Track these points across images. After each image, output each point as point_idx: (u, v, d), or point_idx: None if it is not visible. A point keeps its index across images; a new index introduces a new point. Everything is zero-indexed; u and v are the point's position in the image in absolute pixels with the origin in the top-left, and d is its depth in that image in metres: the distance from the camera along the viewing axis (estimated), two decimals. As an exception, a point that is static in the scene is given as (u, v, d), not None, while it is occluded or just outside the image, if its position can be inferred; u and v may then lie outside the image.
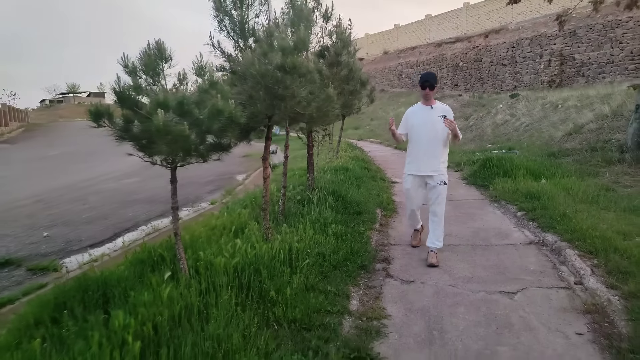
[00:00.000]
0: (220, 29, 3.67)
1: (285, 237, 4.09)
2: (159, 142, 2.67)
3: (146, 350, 2.27)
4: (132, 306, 2.55)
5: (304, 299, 3.19)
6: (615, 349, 2.74)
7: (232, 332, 2.57)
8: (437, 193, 4.49)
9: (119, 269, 3.24)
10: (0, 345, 2.39)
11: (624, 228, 4.65)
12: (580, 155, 8.76)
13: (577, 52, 20.35)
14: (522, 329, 3.10)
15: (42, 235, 6.23)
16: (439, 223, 4.52)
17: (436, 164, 4.46)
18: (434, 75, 4.55)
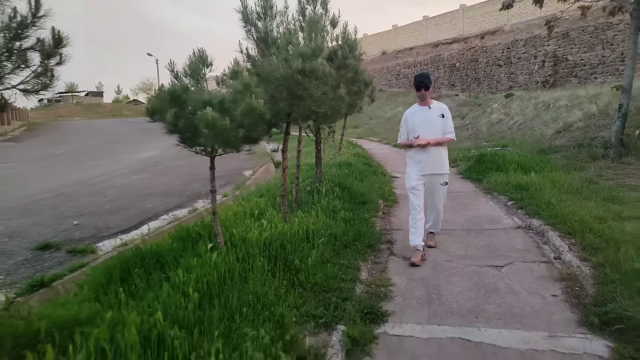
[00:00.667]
0: (248, 37, 4.24)
1: (301, 220, 4.66)
2: (206, 134, 3.21)
3: (202, 300, 2.83)
4: (185, 269, 3.11)
5: (322, 269, 3.77)
6: (582, 305, 3.32)
7: (266, 290, 3.13)
8: (439, 192, 4.66)
9: (166, 242, 3.80)
10: (83, 297, 2.94)
11: (601, 214, 5.22)
12: (568, 152, 9.36)
13: (570, 54, 20.91)
14: (506, 292, 3.68)
15: (72, 224, 6.76)
16: (440, 216, 4.85)
17: (438, 163, 4.55)
18: (427, 75, 4.62)
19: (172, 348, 2.31)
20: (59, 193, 9.43)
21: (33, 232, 6.41)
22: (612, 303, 3.12)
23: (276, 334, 2.66)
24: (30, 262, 5.22)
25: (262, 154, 16.62)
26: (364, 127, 24.41)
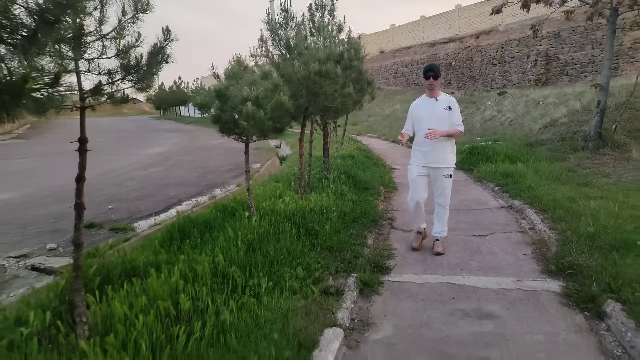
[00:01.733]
0: (274, 45, 5.06)
1: (315, 199, 5.49)
2: (245, 124, 4.03)
3: (247, 251, 3.66)
4: (232, 229, 3.94)
5: (336, 235, 4.60)
6: (546, 259, 4.16)
7: (294, 247, 3.96)
8: (443, 185, 4.51)
9: (210, 213, 4.63)
10: (155, 248, 3.75)
11: (573, 195, 6.06)
12: (552, 145, 10.20)
13: (562, 53, 21.71)
14: (487, 253, 4.52)
15: (106, 208, 7.57)
16: (444, 214, 4.63)
17: (443, 156, 4.47)
18: (437, 66, 4.56)
19: (233, 279, 3.14)
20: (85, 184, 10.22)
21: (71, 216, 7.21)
22: (568, 257, 3.96)
23: (306, 274, 3.49)
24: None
25: (267, 150, 17.47)
26: (362, 124, 25.23)
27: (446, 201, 4.59)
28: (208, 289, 2.91)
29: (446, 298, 3.56)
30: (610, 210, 5.04)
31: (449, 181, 4.53)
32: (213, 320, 2.65)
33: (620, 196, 5.74)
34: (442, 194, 4.56)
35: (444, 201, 4.58)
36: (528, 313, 3.24)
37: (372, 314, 3.34)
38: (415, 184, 4.58)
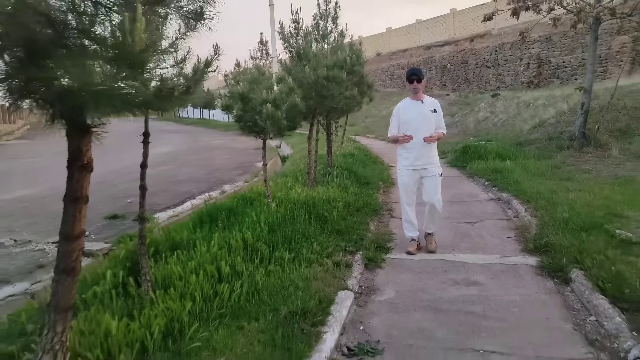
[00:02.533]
0: (285, 52, 5.68)
1: (323, 191, 6.10)
2: (265, 123, 4.63)
3: (269, 231, 4.27)
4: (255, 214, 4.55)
5: (343, 221, 5.21)
6: (526, 240, 4.79)
7: (308, 229, 4.57)
8: (435, 184, 4.58)
9: (232, 201, 5.24)
10: (189, 229, 4.36)
11: (555, 188, 6.70)
12: (540, 144, 10.86)
13: (553, 56, 22.39)
14: (475, 237, 5.14)
15: (126, 202, 8.15)
16: (434, 209, 4.64)
17: (431, 157, 4.58)
18: (420, 69, 4.66)
19: (260, 252, 3.75)
20: (100, 181, 10.76)
21: (96, 208, 7.78)
22: (544, 237, 4.58)
23: (320, 249, 4.11)
24: (107, 227, 6.62)
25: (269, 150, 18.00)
26: (360, 125, 25.86)
27: (438, 198, 4.61)
28: (241, 258, 3.52)
29: (439, 271, 4.18)
30: (585, 200, 5.68)
31: (439, 180, 4.62)
32: (248, 282, 3.26)
33: (597, 189, 6.38)
34: (433, 193, 4.57)
35: (436, 200, 4.58)
36: (508, 281, 3.86)
37: (377, 283, 3.96)
38: (406, 189, 4.66)
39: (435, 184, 4.59)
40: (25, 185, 10.21)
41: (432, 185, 4.58)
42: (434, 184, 4.58)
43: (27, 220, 6.98)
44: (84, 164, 2.06)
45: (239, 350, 2.57)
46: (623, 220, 4.83)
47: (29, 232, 6.36)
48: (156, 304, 2.77)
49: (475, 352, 2.79)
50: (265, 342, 2.68)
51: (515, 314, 3.26)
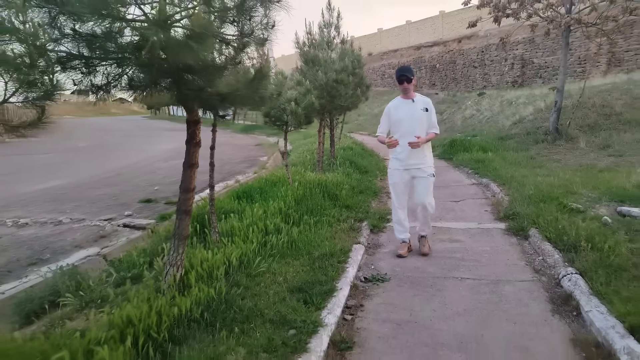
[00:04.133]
0: (300, 58, 6.77)
1: (331, 176, 7.21)
2: (288, 118, 5.73)
3: (295, 203, 5.37)
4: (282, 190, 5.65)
5: (350, 199, 6.33)
6: (499, 212, 5.95)
7: (324, 203, 5.69)
8: (426, 185, 4.47)
9: (260, 183, 6.33)
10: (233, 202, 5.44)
11: (527, 174, 7.88)
12: (519, 138, 12.08)
13: (536, 57, 23.64)
14: (459, 211, 6.30)
15: (153, 189, 9.18)
16: (426, 211, 4.57)
17: (423, 157, 4.45)
18: (409, 68, 4.49)
19: (292, 217, 4.86)
20: (118, 173, 11.80)
21: (127, 195, 8.83)
22: (513, 209, 5.74)
23: (336, 217, 5.23)
24: (144, 209, 7.66)
25: (269, 145, 19.16)
26: (353, 123, 26.98)
27: (430, 200, 4.54)
28: (280, 219, 4.63)
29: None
30: (549, 182, 6.86)
31: (432, 181, 4.52)
32: (287, 236, 4.37)
33: (561, 174, 7.58)
34: (426, 194, 4.48)
35: (428, 200, 4.51)
36: (482, 239, 5.02)
37: (380, 241, 5.09)
38: (397, 189, 4.57)
39: (427, 185, 4.47)
40: (52, 177, 11.17)
41: (423, 186, 4.47)
42: (425, 185, 4.47)
43: (72, 204, 7.99)
44: (196, 142, 3.14)
45: (290, 275, 3.67)
46: (576, 196, 6.01)
47: (79, 212, 7.38)
48: (228, 245, 3.86)
49: (455, 279, 3.93)
50: (307, 271, 3.80)
51: (485, 258, 4.41)
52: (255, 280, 3.47)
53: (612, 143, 9.76)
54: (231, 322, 2.86)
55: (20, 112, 2.28)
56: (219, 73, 2.60)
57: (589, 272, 3.53)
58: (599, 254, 3.80)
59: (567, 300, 3.35)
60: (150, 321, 2.57)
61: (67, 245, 5.73)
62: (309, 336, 2.77)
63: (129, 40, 2.39)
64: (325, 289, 3.46)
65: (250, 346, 2.59)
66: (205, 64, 2.45)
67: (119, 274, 3.65)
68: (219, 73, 2.57)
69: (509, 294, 3.58)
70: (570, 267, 3.71)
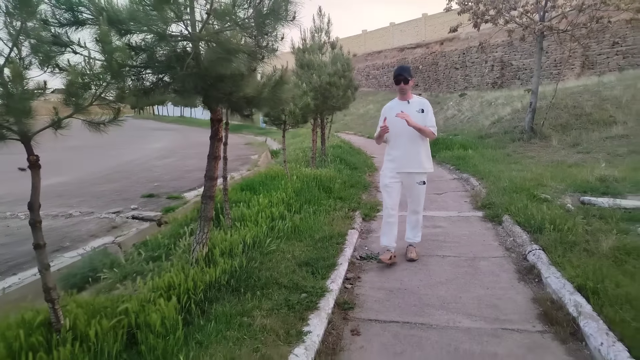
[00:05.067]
0: (296, 62, 7.33)
1: (324, 171, 7.79)
2: (287, 117, 6.29)
3: (295, 194, 5.94)
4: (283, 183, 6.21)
5: (343, 191, 6.92)
6: (476, 202, 6.61)
7: (319, 194, 6.27)
8: (417, 193, 4.40)
9: (261, 176, 6.88)
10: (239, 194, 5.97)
11: (503, 169, 8.59)
12: (497, 137, 12.85)
13: (514, 59, 24.54)
14: (441, 202, 6.95)
15: (153, 185, 9.63)
16: (418, 222, 4.55)
17: (418, 161, 4.29)
18: (408, 68, 4.28)
19: (293, 206, 5.43)
20: (116, 170, 12.19)
21: (129, 190, 9.27)
22: (489, 199, 6.40)
23: (332, 206, 5.82)
24: (148, 203, 8.13)
25: (258, 144, 19.65)
26: (339, 123, 27.56)
27: (420, 209, 4.49)
28: (283, 208, 5.19)
29: (415, 221, 5.94)
30: (523, 176, 7.56)
31: (423, 189, 4.39)
32: (291, 222, 4.93)
33: (534, 169, 8.30)
34: (416, 202, 4.43)
35: (418, 208, 4.47)
36: (461, 225, 5.66)
37: (372, 227, 5.69)
38: (388, 191, 4.42)
39: (418, 193, 4.40)
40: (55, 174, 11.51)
41: (414, 192, 4.41)
42: (416, 193, 4.41)
43: (78, 199, 8.42)
44: (219, 138, 3.68)
45: (297, 253, 4.24)
46: (545, 187, 6.70)
47: (86, 206, 7.82)
48: (240, 229, 4.41)
49: (438, 257, 4.55)
50: (310, 250, 4.37)
51: (464, 239, 5.05)
52: (268, 257, 4.03)
53: (581, 141, 10.55)
54: (253, 287, 3.42)
55: (99, 112, 2.77)
56: (245, 80, 3.15)
57: (550, 248, 4.18)
58: (559, 234, 4.46)
59: (531, 270, 4.00)
60: (188, 285, 3.11)
61: (83, 235, 6.20)
62: (318, 298, 3.34)
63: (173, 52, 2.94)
64: (328, 264, 4.04)
65: (271, 304, 3.16)
66: (235, 73, 3.00)
67: (147, 254, 4.17)
68: (245, 80, 3.12)
69: (483, 267, 4.22)
70: (535, 245, 4.36)
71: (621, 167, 7.60)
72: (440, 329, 3.11)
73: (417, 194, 4.41)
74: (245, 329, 2.82)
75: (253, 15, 2.99)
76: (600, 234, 4.35)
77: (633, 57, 19.32)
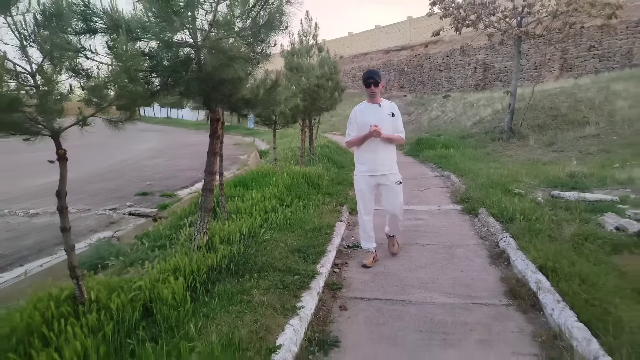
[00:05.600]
0: (285, 66, 7.70)
1: (313, 169, 8.17)
2: (277, 118, 6.65)
3: (286, 189, 6.30)
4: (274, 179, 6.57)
5: (330, 187, 7.31)
6: (456, 197, 7.05)
7: (308, 190, 6.64)
8: (395, 193, 4.40)
9: (253, 174, 7.23)
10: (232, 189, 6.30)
11: (482, 167, 9.06)
12: (479, 137, 13.37)
13: (496, 62, 25.26)
14: (423, 197, 7.38)
15: (145, 184, 9.89)
16: (396, 219, 4.60)
17: (389, 163, 4.34)
18: (377, 71, 4.29)
19: (284, 200, 5.79)
20: (109, 170, 12.41)
21: (123, 189, 9.54)
22: (467, 194, 6.85)
23: (321, 200, 6.20)
24: (142, 200, 8.42)
25: (246, 145, 19.94)
26: (326, 124, 27.96)
27: (400, 210, 4.50)
28: (275, 202, 5.55)
29: (398, 214, 6.35)
30: (500, 172, 8.03)
31: (400, 188, 4.43)
32: (282, 214, 5.30)
33: (510, 166, 8.80)
34: (394, 204, 4.44)
35: (396, 212, 4.49)
36: (441, 217, 6.08)
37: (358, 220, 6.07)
38: (363, 196, 4.44)
39: (395, 193, 4.41)
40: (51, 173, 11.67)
41: (391, 195, 4.42)
42: (393, 193, 4.41)
43: (74, 197, 8.64)
44: (217, 135, 4.03)
45: (289, 242, 4.61)
46: (520, 183, 7.16)
47: (82, 204, 8.08)
48: (236, 220, 4.77)
49: (419, 245, 4.96)
50: (301, 239, 4.74)
51: (443, 230, 5.47)
52: (263, 245, 4.39)
53: (557, 140, 11.11)
54: (250, 270, 3.78)
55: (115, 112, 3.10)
56: (242, 83, 3.52)
57: (519, 235, 4.62)
58: (528, 223, 4.91)
59: (501, 255, 4.42)
60: (192, 267, 3.46)
61: (83, 230, 6.49)
62: (309, 280, 3.72)
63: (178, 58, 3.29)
64: (318, 251, 4.42)
65: (268, 284, 3.53)
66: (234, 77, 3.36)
67: (150, 244, 4.50)
68: (243, 83, 3.49)
69: (459, 253, 4.64)
70: (506, 233, 4.80)
71: (590, 164, 8.14)
72: (419, 305, 3.51)
73: (395, 194, 4.38)
74: (245, 305, 3.18)
75: (250, 25, 3.35)
76: (564, 223, 4.80)
77: (608, 60, 20.13)
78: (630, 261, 3.83)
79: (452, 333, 3.07)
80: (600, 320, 2.83)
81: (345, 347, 2.96)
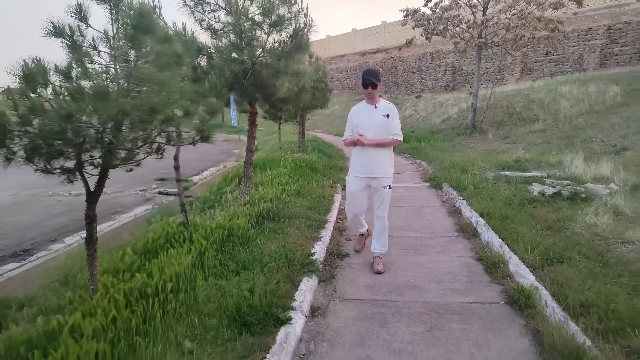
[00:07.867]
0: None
1: (309, 156, 9.84)
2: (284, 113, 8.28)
3: (292, 170, 7.94)
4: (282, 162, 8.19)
5: (326, 170, 9.00)
6: (425, 177, 8.85)
7: (310, 172, 8.31)
8: (382, 197, 4.38)
9: (261, 160, 8.83)
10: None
11: (449, 156, 10.89)
12: (446, 132, 15.29)
13: (464, 65, 27.25)
14: (399, 178, 9.15)
15: (160, 172, 11.34)
16: (384, 229, 4.48)
17: (382, 166, 4.31)
18: (376, 72, 4.22)
19: (292, 177, 7.45)
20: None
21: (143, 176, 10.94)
22: (434, 175, 8.64)
23: (321, 179, 7.90)
24: (163, 184, 9.90)
25: (235, 141, 21.42)
26: (308, 122, 29.46)
27: (385, 214, 4.45)
28: (287, 177, 7.20)
29: (381, 189, 8.10)
30: (461, 159, 9.88)
31: (389, 193, 4.40)
32: (295, 187, 6.95)
33: (471, 155, 10.67)
34: (381, 207, 4.41)
35: (383, 214, 4.43)
36: (414, 191, 7.86)
37: (350, 194, 7.81)
38: (353, 197, 4.51)
39: (382, 197, 4.38)
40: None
41: (380, 198, 4.40)
42: (381, 197, 4.39)
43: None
44: (255, 125, 5.66)
45: (303, 204, 6.27)
46: (476, 166, 8.99)
47: (114, 187, 9.50)
48: (263, 189, 6.39)
49: (398, 207, 6.70)
50: (312, 203, 6.42)
51: (414, 198, 7.24)
52: (286, 205, 6.04)
53: (511, 135, 13.09)
54: (282, 217, 5.43)
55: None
56: (278, 88, 5.17)
57: (469, 198, 6.41)
58: (476, 190, 6.72)
59: (456, 210, 6.21)
60: (247, 212, 5.09)
61: (127, 205, 7.98)
62: (323, 224, 5.40)
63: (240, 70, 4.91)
64: (325, 209, 6.12)
65: (297, 224, 5.20)
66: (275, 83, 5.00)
67: (201, 205, 6.09)
68: (279, 88, 5.13)
69: (426, 211, 6.40)
70: (460, 196, 6.59)
71: (533, 152, 10.08)
72: (398, 238, 5.24)
73: (383, 197, 4.36)
74: (285, 234, 4.84)
75: (286, 49, 5.01)
76: (502, 190, 6.63)
77: (562, 65, 22.46)
78: (539, 210, 5.65)
79: (420, 249, 4.82)
80: (510, 237, 4.61)
81: (352, 257, 4.66)
